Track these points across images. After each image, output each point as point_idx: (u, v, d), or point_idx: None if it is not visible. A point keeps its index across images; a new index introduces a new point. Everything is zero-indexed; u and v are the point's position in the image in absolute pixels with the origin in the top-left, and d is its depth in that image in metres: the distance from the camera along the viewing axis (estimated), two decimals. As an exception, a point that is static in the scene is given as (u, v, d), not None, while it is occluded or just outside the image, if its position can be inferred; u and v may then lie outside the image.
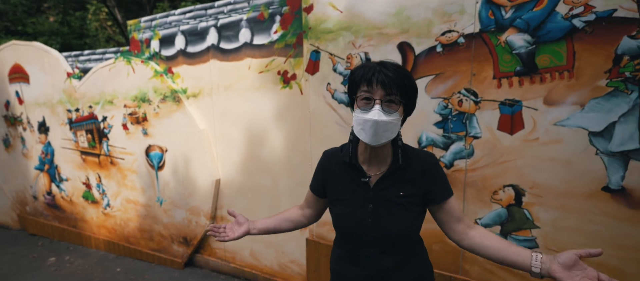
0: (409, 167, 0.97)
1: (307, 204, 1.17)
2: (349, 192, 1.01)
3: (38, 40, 5.51)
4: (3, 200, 4.28)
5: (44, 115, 3.52)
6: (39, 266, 3.19)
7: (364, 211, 0.97)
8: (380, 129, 0.87)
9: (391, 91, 0.86)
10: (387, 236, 0.97)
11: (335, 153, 1.07)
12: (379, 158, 0.98)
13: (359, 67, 0.93)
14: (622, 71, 1.36)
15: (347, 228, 1.01)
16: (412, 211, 0.97)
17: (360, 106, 0.90)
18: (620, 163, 1.41)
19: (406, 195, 0.97)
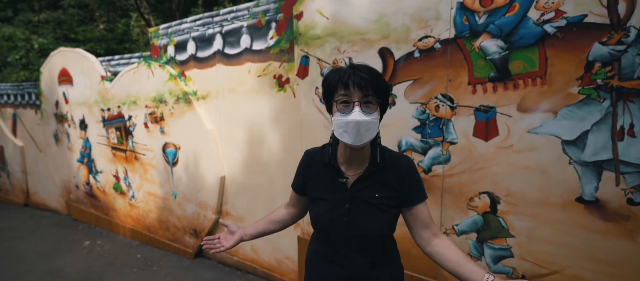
0: (386, 169, 1.02)
1: (291, 203, 1.24)
2: (328, 191, 1.06)
3: (87, 46, 6.30)
4: (54, 188, 4.99)
5: (83, 113, 4.07)
6: (75, 248, 3.72)
7: (341, 211, 1.02)
8: (363, 129, 0.92)
9: (368, 92, 0.91)
10: (361, 236, 1.02)
11: (317, 153, 1.12)
12: (358, 159, 1.04)
13: (332, 71, 0.99)
14: (593, 78, 1.37)
15: (324, 227, 1.07)
16: (387, 213, 1.03)
17: (339, 109, 0.95)
18: (594, 174, 1.41)
19: (382, 197, 1.02)
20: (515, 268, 1.67)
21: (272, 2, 2.36)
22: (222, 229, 3.00)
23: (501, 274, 1.70)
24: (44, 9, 7.62)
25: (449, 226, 1.82)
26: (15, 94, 5.19)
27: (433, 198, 1.84)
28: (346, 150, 1.02)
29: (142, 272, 3.07)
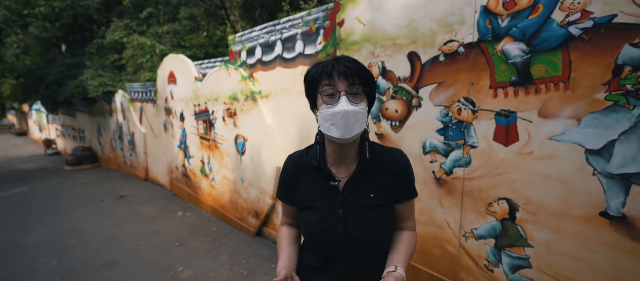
0: (378, 165, 0.96)
1: (291, 218, 1.10)
2: (318, 198, 0.97)
3: (191, 51, 7.56)
4: (163, 168, 6.20)
5: (182, 108, 4.99)
6: (171, 216, 4.63)
7: (334, 218, 0.93)
8: (351, 119, 0.85)
9: (354, 81, 0.86)
10: (359, 244, 0.93)
11: (301, 156, 1.03)
12: (347, 158, 0.96)
13: (313, 65, 0.93)
14: (622, 83, 1.27)
15: (317, 236, 0.96)
16: (385, 215, 0.96)
17: (325, 101, 0.88)
18: (621, 187, 1.30)
19: (377, 197, 0.94)
20: (533, 279, 1.59)
21: (321, 11, 2.62)
22: (277, 213, 3.40)
23: (519, 284, 1.65)
24: (166, 22, 9.27)
25: (469, 229, 1.82)
26: (142, 91, 6.58)
27: (453, 200, 1.86)
28: (335, 148, 0.95)
29: (214, 242, 3.69)
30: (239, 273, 2.97)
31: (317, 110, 0.93)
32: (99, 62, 8.84)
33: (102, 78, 7.90)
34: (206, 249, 3.51)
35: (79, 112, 10.44)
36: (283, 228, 1.11)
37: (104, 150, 9.24)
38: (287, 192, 1.05)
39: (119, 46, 8.69)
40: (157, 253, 3.47)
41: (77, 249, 3.69)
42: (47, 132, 14.55)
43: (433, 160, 1.94)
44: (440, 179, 1.92)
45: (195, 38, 8.24)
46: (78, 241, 3.90)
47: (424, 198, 2.01)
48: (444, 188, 1.91)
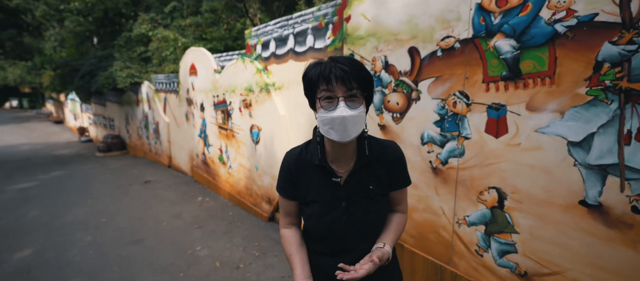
0: (375, 159, 1.02)
1: (292, 215, 1.12)
2: (321, 193, 1.01)
3: (212, 44, 7.84)
4: (184, 155, 6.56)
5: (202, 98, 5.26)
6: (192, 201, 4.94)
7: (338, 211, 0.99)
8: (350, 124, 0.89)
9: (351, 85, 0.88)
10: (362, 232, 1.02)
11: (301, 153, 1.06)
12: (347, 155, 1.01)
13: (312, 65, 0.94)
14: (602, 79, 1.34)
15: (321, 229, 1.02)
16: (383, 203, 1.05)
17: (323, 106, 0.91)
18: (598, 178, 1.38)
19: (376, 187, 1.02)
20: (519, 264, 1.69)
21: (330, 7, 2.74)
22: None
23: (506, 268, 1.75)
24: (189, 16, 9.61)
25: (461, 216, 1.93)
26: (166, 83, 6.94)
27: (448, 189, 1.97)
28: (334, 146, 0.99)
29: (230, 225, 3.95)
30: (250, 254, 3.20)
31: (316, 112, 0.96)
32: (127, 54, 9.32)
33: (130, 70, 8.35)
34: (222, 231, 3.77)
35: (109, 101, 11.06)
36: (286, 232, 1.11)
37: (131, 138, 9.79)
38: (289, 187, 1.06)
39: (146, 39, 9.12)
40: (178, 234, 3.76)
41: (108, 227, 4.05)
42: (81, 120, 15.48)
43: (430, 151, 2.05)
44: (437, 169, 2.03)
45: (216, 31, 8.52)
46: (108, 221, 4.26)
47: (422, 187, 2.12)
48: (439, 177, 2.02)
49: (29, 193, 5.71)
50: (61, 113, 20.56)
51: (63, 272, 2.99)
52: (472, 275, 1.92)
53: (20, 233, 3.96)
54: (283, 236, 1.11)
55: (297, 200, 1.08)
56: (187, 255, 3.24)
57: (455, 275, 2.01)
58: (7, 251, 3.45)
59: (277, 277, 2.79)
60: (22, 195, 5.59)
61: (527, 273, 1.67)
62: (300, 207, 1.09)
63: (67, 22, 11.04)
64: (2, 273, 3.00)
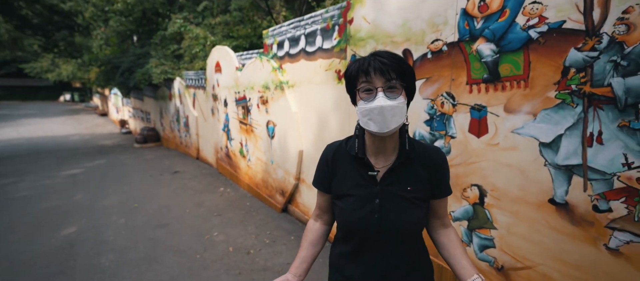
0: (416, 160, 0.99)
1: (323, 210, 1.14)
2: (355, 186, 1.00)
3: (237, 42, 8.22)
4: (210, 148, 6.99)
5: (226, 95, 5.60)
6: (214, 191, 5.31)
7: (371, 207, 0.96)
8: (388, 114, 0.87)
9: (390, 76, 0.88)
10: (394, 234, 0.97)
11: (340, 146, 1.07)
12: (386, 150, 0.99)
13: (353, 61, 0.96)
14: (569, 83, 1.41)
15: (353, 224, 1.00)
16: (421, 208, 0.98)
17: (362, 98, 0.91)
18: (565, 177, 1.45)
19: (414, 190, 0.97)
20: (496, 258, 1.78)
21: (336, 10, 2.90)
22: (299, 192, 3.82)
23: (485, 262, 1.84)
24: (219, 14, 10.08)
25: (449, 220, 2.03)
26: (195, 79, 7.40)
27: (436, 185, 2.08)
28: (373, 140, 0.98)
29: (246, 214, 4.24)
30: (262, 241, 3.46)
31: (356, 105, 0.96)
32: (161, 51, 9.97)
33: (164, 67, 8.96)
34: (239, 220, 4.07)
35: (146, 96, 11.89)
36: (311, 224, 1.15)
37: (165, 130, 10.49)
38: (324, 180, 1.08)
39: (178, 37, 9.71)
40: (199, 220, 4.11)
41: (139, 212, 4.49)
42: (122, 113, 16.72)
43: (421, 148, 2.16)
44: (426, 166, 2.14)
45: (242, 29, 8.90)
46: (140, 206, 4.72)
47: (413, 183, 2.24)
48: (429, 174, 2.13)
49: (76, 179, 6.39)
50: (105, 107, 22.27)
51: (98, 249, 3.42)
52: (456, 267, 2.03)
53: (67, 212, 4.51)
54: (307, 226, 1.16)
55: (330, 192, 1.08)
56: (205, 239, 3.57)
57: (441, 267, 2.12)
58: (57, 228, 3.98)
59: (283, 263, 3.02)
60: (70, 180, 6.27)
61: (503, 267, 1.76)
62: (333, 202, 1.07)
63: (111, 22, 11.99)
64: (51, 246, 3.49)
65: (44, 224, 4.12)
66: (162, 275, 2.89)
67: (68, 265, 3.10)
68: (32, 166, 7.58)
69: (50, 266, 3.07)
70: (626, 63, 1.22)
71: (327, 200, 1.11)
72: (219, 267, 3.00)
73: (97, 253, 3.33)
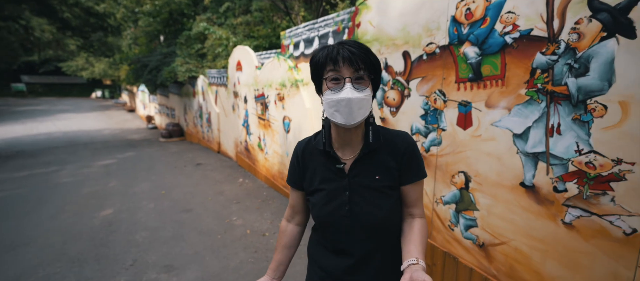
0: (382, 148, 0.98)
1: (296, 210, 1.14)
2: (324, 181, 1.00)
3: (258, 42, 8.62)
4: (231, 142, 7.43)
5: (246, 92, 5.99)
6: (234, 182, 5.72)
7: (341, 200, 0.97)
8: (355, 106, 0.87)
9: (358, 66, 0.87)
10: (365, 225, 0.97)
11: (309, 142, 1.07)
12: (353, 142, 0.99)
13: (320, 48, 0.93)
14: (536, 82, 1.64)
15: (325, 218, 1.00)
16: (391, 197, 0.97)
17: (329, 87, 0.89)
18: (532, 164, 1.69)
19: (383, 179, 0.97)
20: (478, 236, 2.02)
21: (346, 14, 3.18)
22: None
23: (469, 240, 2.09)
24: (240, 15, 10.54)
25: (439, 196, 2.28)
26: (217, 77, 7.85)
27: (429, 173, 2.33)
28: (339, 132, 0.98)
29: (263, 203, 4.60)
30: (276, 226, 3.79)
31: (322, 95, 0.95)
32: (186, 51, 10.54)
33: (188, 65, 9.49)
34: (256, 207, 4.43)
35: (171, 93, 12.55)
36: (284, 225, 1.17)
37: (188, 126, 11.08)
38: (296, 177, 1.08)
39: (202, 37, 10.24)
40: (220, 207, 4.50)
41: (166, 198, 4.95)
42: (148, 109, 17.61)
43: (417, 140, 2.42)
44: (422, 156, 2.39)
45: (263, 29, 9.30)
46: (167, 193, 5.18)
47: (411, 171, 2.50)
48: (423, 163, 2.38)
49: (109, 169, 6.98)
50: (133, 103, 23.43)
51: (133, 228, 3.86)
52: (446, 246, 2.28)
53: (104, 197, 5.03)
54: (280, 227, 1.18)
55: (303, 189, 1.08)
56: (225, 223, 3.94)
57: (433, 247, 2.37)
58: (96, 210, 4.48)
59: (295, 244, 3.35)
60: (105, 170, 6.86)
61: (484, 244, 2.00)
62: (307, 198, 1.08)
63: (140, 22, 12.74)
64: (93, 224, 3.97)
65: (86, 206, 4.64)
66: (188, 250, 3.28)
67: (108, 239, 3.55)
68: (71, 157, 8.29)
69: (95, 240, 3.53)
70: (578, 66, 1.45)
71: (300, 197, 1.12)
72: (238, 246, 3.36)
73: (132, 231, 3.77)
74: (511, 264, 1.85)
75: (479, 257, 2.05)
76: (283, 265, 1.13)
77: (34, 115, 19.81)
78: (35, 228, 3.89)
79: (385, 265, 1.01)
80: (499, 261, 1.92)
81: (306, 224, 1.19)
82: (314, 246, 1.13)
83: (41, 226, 3.93)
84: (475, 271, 2.07)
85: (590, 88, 1.42)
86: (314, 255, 1.13)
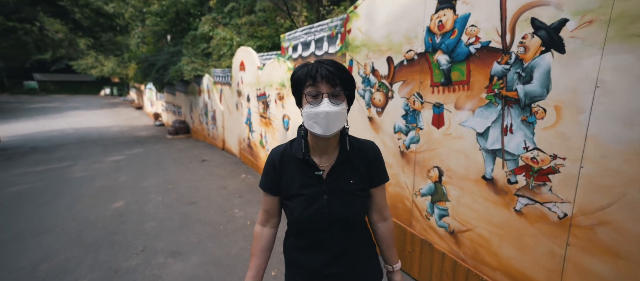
0: (355, 155, 1.11)
1: (270, 213, 1.20)
2: (303, 186, 1.08)
3: (261, 42, 8.88)
4: (234, 140, 7.72)
5: (249, 91, 6.26)
6: (236, 177, 6.01)
7: (320, 203, 1.06)
8: (332, 119, 0.96)
9: (335, 83, 0.96)
10: (342, 223, 1.09)
11: (286, 149, 1.14)
12: (329, 150, 1.09)
13: (300, 66, 1.02)
14: (493, 88, 1.87)
15: (305, 221, 1.08)
16: (363, 198, 1.12)
17: (309, 101, 0.99)
18: (491, 159, 1.93)
19: (356, 183, 1.10)
20: (449, 224, 2.27)
21: (339, 20, 3.42)
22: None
23: (442, 228, 2.33)
24: (245, 15, 10.80)
25: (418, 189, 2.53)
26: (222, 76, 8.14)
27: (409, 168, 2.57)
28: (317, 141, 1.07)
29: (264, 196, 4.88)
30: (275, 217, 4.07)
31: (301, 108, 1.05)
32: (192, 50, 10.86)
33: (194, 64, 9.80)
34: (257, 201, 4.71)
35: (178, 91, 12.90)
36: (259, 230, 1.22)
37: (194, 123, 11.42)
38: (272, 183, 1.14)
39: (208, 36, 10.53)
40: (222, 200, 4.80)
41: (173, 192, 5.25)
42: (155, 107, 18.02)
43: (399, 138, 2.66)
44: (403, 152, 2.63)
45: (266, 30, 9.57)
46: (173, 187, 5.49)
47: (394, 167, 2.74)
48: (404, 159, 2.63)
49: (119, 164, 7.33)
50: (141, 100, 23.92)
51: (142, 218, 4.17)
52: (423, 234, 2.53)
53: (115, 191, 5.36)
54: (255, 232, 1.22)
55: (279, 195, 1.15)
56: (227, 215, 4.23)
57: (412, 234, 2.62)
58: (108, 202, 4.81)
59: (291, 234, 3.62)
60: (115, 165, 7.21)
61: (454, 231, 2.24)
62: (283, 202, 1.15)
63: (147, 21, 13.11)
64: (106, 215, 4.29)
65: (99, 198, 4.97)
66: (193, 238, 3.57)
67: (120, 228, 3.86)
68: (82, 153, 8.67)
69: (108, 228, 3.85)
70: (524, 74, 1.68)
71: (275, 202, 1.18)
72: (238, 235, 3.64)
73: (141, 221, 4.08)
74: (476, 248, 2.09)
75: (450, 243, 2.29)
76: (262, 269, 1.19)
77: (46, 112, 20.40)
78: (54, 217, 4.22)
79: (359, 254, 1.17)
80: (466, 246, 2.16)
81: (277, 226, 1.25)
82: (291, 249, 1.20)
83: (59, 216, 4.26)
84: (447, 256, 2.32)
85: (534, 94, 1.65)
86: (292, 258, 1.20)
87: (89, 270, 2.97)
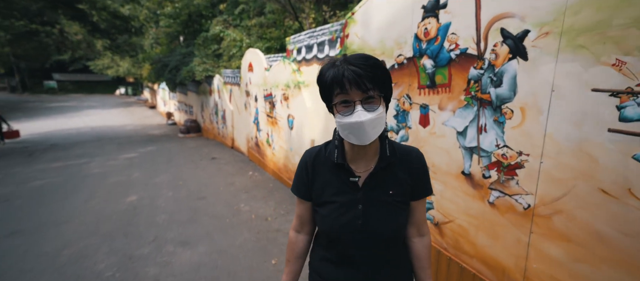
0: (397, 163, 0.99)
1: (304, 221, 1.13)
2: (337, 193, 0.99)
3: (269, 43, 9.15)
4: (243, 138, 8.00)
5: (256, 91, 6.52)
6: (244, 174, 6.28)
7: (354, 213, 0.96)
8: (368, 127, 0.86)
9: (366, 87, 0.84)
10: (377, 239, 0.97)
11: (320, 152, 1.05)
12: (367, 155, 0.99)
13: (326, 67, 0.91)
14: (470, 91, 2.05)
15: (336, 231, 0.99)
16: (404, 211, 1.00)
17: (340, 111, 0.89)
18: (469, 155, 2.11)
19: (396, 194, 0.98)
20: (434, 216, 2.45)
21: (338, 25, 3.63)
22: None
23: (428, 220, 2.51)
24: (254, 16, 11.11)
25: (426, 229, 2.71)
26: (232, 77, 8.44)
27: (400, 165, 2.76)
28: (353, 147, 0.98)
29: (269, 192, 5.12)
30: (278, 212, 4.31)
31: (334, 115, 0.94)
32: (203, 51, 11.22)
33: (205, 65, 10.15)
34: (262, 197, 4.96)
35: (189, 91, 13.31)
36: (293, 236, 1.16)
37: (205, 122, 11.79)
38: (305, 187, 1.06)
39: (219, 38, 10.87)
40: (230, 196, 5.06)
41: (183, 188, 5.55)
42: (168, 106, 18.56)
43: (391, 137, 2.85)
44: (394, 150, 2.82)
45: (275, 32, 9.83)
46: (184, 184, 5.79)
47: (387, 163, 2.94)
48: (396, 156, 2.82)
49: (132, 161, 7.70)
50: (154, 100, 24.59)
51: (154, 212, 4.47)
52: (412, 227, 2.71)
53: (128, 186, 5.69)
54: (290, 238, 1.16)
55: (311, 200, 1.07)
56: (234, 209, 4.49)
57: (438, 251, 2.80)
58: (123, 196, 5.13)
59: (293, 228, 3.85)
60: (129, 162, 7.59)
61: (438, 223, 2.42)
62: (314, 209, 1.07)
63: (161, 23, 13.59)
64: (120, 208, 4.61)
65: (114, 193, 5.30)
66: (201, 230, 3.84)
67: (134, 220, 4.16)
68: (99, 150, 9.11)
69: (122, 220, 4.15)
70: (496, 79, 1.86)
71: (308, 208, 1.10)
72: (243, 228, 3.89)
73: (153, 214, 4.37)
74: (456, 238, 2.27)
75: (435, 234, 2.48)
76: (297, 274, 1.15)
77: (64, 111, 21.24)
78: (73, 210, 4.56)
79: (393, 277, 1.04)
80: (448, 237, 2.34)
81: (314, 233, 1.18)
82: (318, 261, 1.11)
83: (77, 209, 4.60)
84: (432, 246, 2.50)
85: (503, 97, 1.83)
86: (319, 270, 1.11)
87: (105, 256, 3.26)
